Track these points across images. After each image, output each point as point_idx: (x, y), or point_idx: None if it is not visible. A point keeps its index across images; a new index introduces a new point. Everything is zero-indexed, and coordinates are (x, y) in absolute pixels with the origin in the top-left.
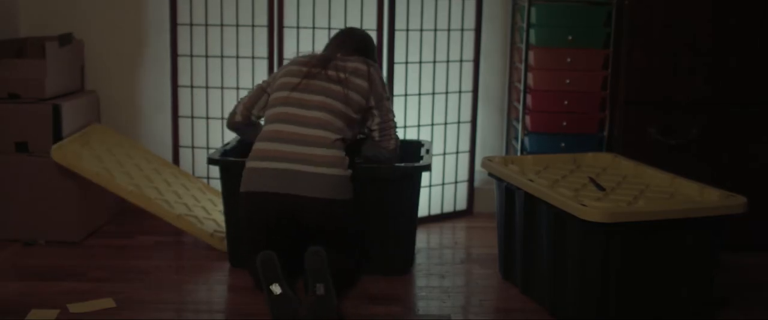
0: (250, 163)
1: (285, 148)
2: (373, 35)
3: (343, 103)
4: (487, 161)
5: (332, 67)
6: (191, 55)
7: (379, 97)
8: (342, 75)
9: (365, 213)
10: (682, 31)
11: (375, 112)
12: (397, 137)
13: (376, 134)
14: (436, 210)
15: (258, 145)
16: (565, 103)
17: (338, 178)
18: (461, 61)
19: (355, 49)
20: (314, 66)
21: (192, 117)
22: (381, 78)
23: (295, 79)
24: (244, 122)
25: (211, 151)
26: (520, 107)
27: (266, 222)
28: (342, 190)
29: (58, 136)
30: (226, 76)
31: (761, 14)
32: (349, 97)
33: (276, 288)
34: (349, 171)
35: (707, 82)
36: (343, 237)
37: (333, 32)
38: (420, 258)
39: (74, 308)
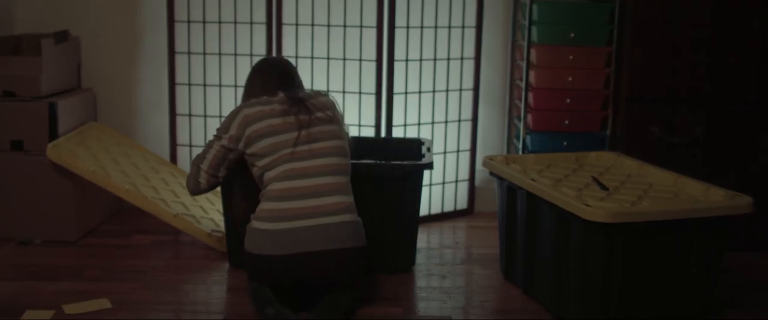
0: (259, 224)
1: (297, 205)
2: (373, 32)
3: (342, 138)
4: (489, 160)
5: (314, 108)
6: (189, 53)
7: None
8: (329, 113)
9: (367, 212)
10: (684, 28)
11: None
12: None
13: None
14: (436, 209)
15: (267, 205)
16: (567, 101)
17: (354, 225)
18: (462, 58)
19: (298, 82)
20: (299, 113)
21: (190, 115)
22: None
23: (290, 134)
24: (209, 188)
25: None
26: (522, 105)
27: (276, 282)
28: (358, 238)
29: (54, 135)
30: (224, 73)
31: (764, 9)
32: (343, 132)
33: (269, 310)
34: (358, 218)
35: (710, 79)
36: (356, 281)
37: (332, 29)
38: (420, 258)
39: (69, 309)
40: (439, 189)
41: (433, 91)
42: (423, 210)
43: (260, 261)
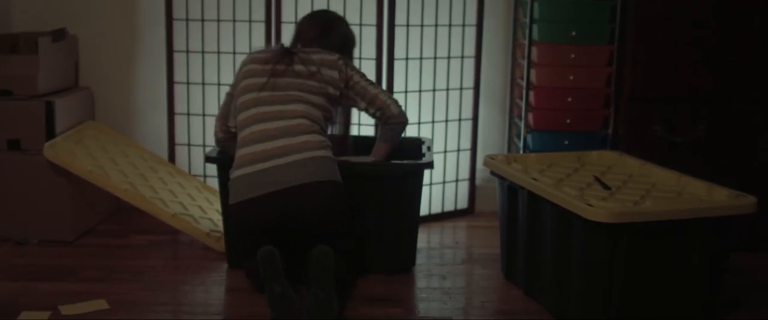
0: (234, 173)
1: (266, 147)
2: (373, 30)
3: (321, 95)
4: (490, 159)
5: (298, 61)
6: (187, 51)
7: (347, 79)
8: (313, 68)
9: (367, 212)
10: (685, 26)
11: (353, 95)
12: (395, 102)
13: (373, 113)
14: (436, 209)
15: (238, 153)
16: (569, 100)
17: (324, 160)
18: (462, 57)
19: (335, 48)
20: (277, 62)
21: (188, 114)
22: (346, 61)
23: (261, 78)
24: (226, 137)
25: (208, 149)
26: (523, 104)
27: (263, 226)
28: (330, 172)
29: (51, 134)
30: (223, 72)
31: (765, 6)
32: (325, 90)
33: (276, 287)
34: (334, 157)
35: (712, 78)
36: (339, 228)
37: None
38: (420, 258)
39: (66, 310)
40: (440, 189)
41: (434, 90)
42: (423, 210)
43: (240, 208)
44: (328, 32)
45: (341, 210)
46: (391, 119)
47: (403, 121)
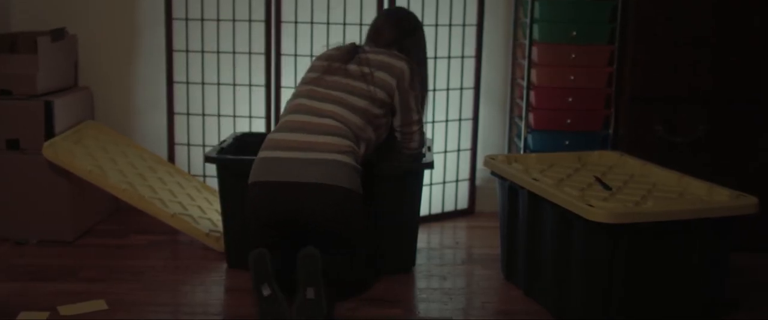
0: (259, 154)
1: (294, 137)
2: None
3: (366, 98)
4: (490, 159)
5: (355, 61)
6: (187, 51)
7: (404, 93)
8: (366, 70)
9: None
10: (685, 26)
11: (397, 109)
12: (421, 138)
13: (398, 134)
14: (436, 209)
15: (269, 136)
16: (569, 99)
17: (338, 164)
18: (463, 57)
19: (411, 51)
20: (335, 60)
21: (188, 114)
22: (413, 74)
23: (314, 73)
24: None
25: (208, 149)
26: (523, 104)
27: (270, 215)
28: (348, 179)
29: (50, 133)
30: (223, 72)
31: (765, 6)
32: (373, 94)
33: (265, 289)
34: (359, 167)
35: (712, 78)
36: (349, 235)
37: (331, 27)
38: (420, 259)
39: (65, 310)
40: (440, 189)
41: (434, 90)
42: (423, 210)
43: (252, 188)
44: (409, 34)
45: (347, 214)
46: (406, 150)
47: (414, 156)
